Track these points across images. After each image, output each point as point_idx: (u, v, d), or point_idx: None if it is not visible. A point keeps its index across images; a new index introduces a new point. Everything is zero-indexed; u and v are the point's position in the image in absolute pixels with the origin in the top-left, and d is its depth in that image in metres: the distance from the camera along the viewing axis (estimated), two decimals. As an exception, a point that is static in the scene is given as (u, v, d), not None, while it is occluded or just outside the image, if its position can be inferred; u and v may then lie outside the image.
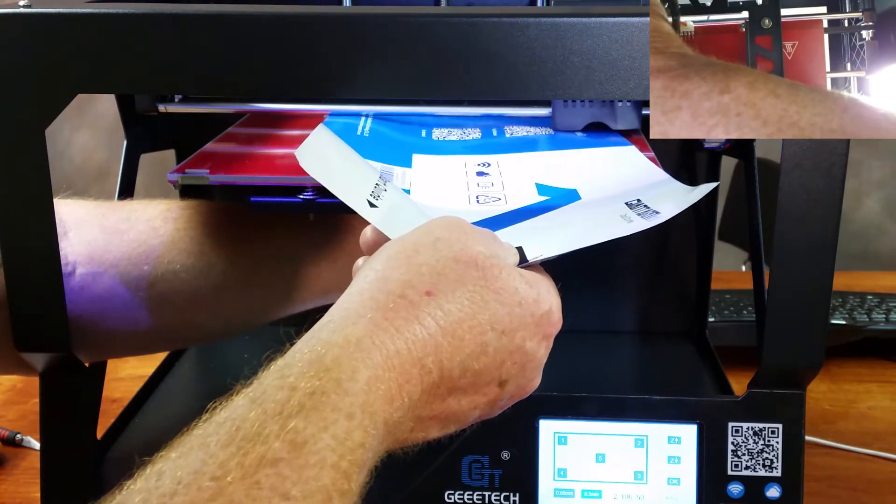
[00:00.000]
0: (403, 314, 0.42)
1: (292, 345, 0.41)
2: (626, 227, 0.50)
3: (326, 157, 0.50)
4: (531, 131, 0.69)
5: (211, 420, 0.38)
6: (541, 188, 0.58)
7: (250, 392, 0.38)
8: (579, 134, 0.68)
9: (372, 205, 0.48)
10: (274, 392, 0.38)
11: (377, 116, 0.70)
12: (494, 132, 0.70)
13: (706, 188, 0.53)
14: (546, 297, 0.47)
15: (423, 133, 0.69)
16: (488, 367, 0.44)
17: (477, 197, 0.57)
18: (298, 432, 0.36)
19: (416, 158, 0.62)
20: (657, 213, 0.51)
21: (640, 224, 0.50)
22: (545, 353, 0.48)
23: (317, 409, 0.37)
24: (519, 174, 0.60)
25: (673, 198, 0.53)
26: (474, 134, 0.69)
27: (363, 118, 0.69)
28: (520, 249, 0.48)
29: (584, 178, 0.59)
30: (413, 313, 0.42)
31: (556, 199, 0.56)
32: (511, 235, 0.50)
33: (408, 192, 0.57)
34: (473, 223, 0.52)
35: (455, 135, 0.69)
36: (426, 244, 0.45)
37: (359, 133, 0.66)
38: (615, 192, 0.55)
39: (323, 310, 0.44)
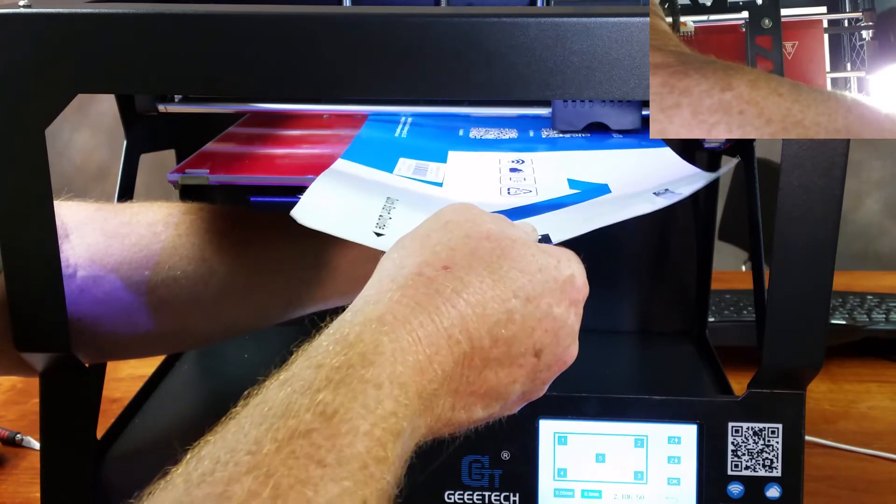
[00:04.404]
0: (423, 290, 0.42)
1: (319, 332, 0.42)
2: (648, 207, 0.51)
3: (322, 208, 0.51)
4: (568, 133, 0.70)
5: (245, 405, 0.38)
6: (572, 182, 0.59)
7: (281, 376, 0.39)
8: (616, 136, 0.68)
9: (379, 234, 0.49)
10: (302, 372, 0.38)
11: (416, 118, 0.71)
12: (531, 133, 0.71)
13: (725, 168, 0.58)
14: (567, 264, 0.47)
15: (461, 132, 0.70)
16: (519, 336, 0.44)
17: (508, 189, 0.58)
18: (328, 404, 0.36)
19: (452, 154, 0.63)
20: (679, 194, 0.52)
21: (661, 203, 0.51)
22: (576, 320, 0.47)
23: (344, 381, 0.38)
24: (552, 170, 0.61)
25: (695, 180, 0.54)
26: (511, 133, 0.70)
27: (402, 121, 0.70)
28: (545, 237, 0.49)
29: (616, 174, 0.60)
30: (433, 287, 0.42)
31: (587, 192, 0.57)
32: (539, 224, 0.51)
33: (440, 185, 0.57)
34: (502, 212, 0.52)
35: (492, 134, 0.70)
36: (437, 228, 0.46)
37: (397, 134, 0.67)
38: (646, 186, 0.56)
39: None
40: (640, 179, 0.58)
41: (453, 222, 0.46)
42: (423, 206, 0.53)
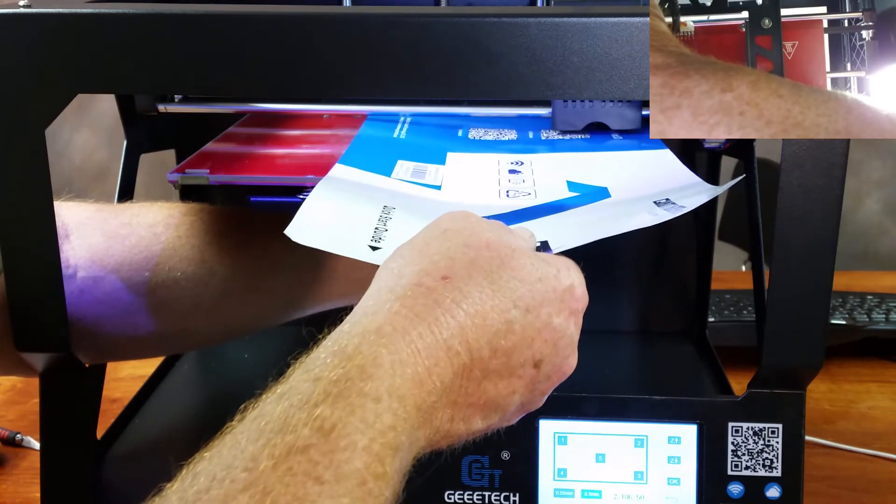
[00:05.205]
0: (422, 301, 0.42)
1: (316, 343, 0.41)
2: (650, 219, 0.50)
3: (317, 224, 0.50)
4: (567, 134, 0.69)
5: (242, 420, 0.38)
6: (571, 185, 0.58)
7: (278, 389, 0.39)
8: (616, 136, 0.68)
9: (375, 248, 0.49)
10: (299, 385, 0.38)
11: (415, 117, 0.71)
12: (531, 134, 0.70)
13: (732, 182, 0.56)
14: (566, 273, 0.46)
15: (460, 132, 0.70)
16: (518, 347, 0.43)
17: (507, 192, 0.58)
18: (325, 419, 0.36)
19: (451, 156, 0.63)
20: (683, 206, 0.51)
21: (664, 216, 0.51)
22: (576, 331, 0.47)
23: (342, 395, 0.37)
24: (551, 172, 0.61)
25: (699, 193, 0.53)
26: (510, 135, 0.70)
27: (401, 121, 0.70)
28: (544, 243, 0.48)
29: (616, 177, 0.60)
30: (432, 298, 0.42)
31: (586, 195, 0.57)
32: (537, 227, 0.50)
33: (438, 188, 0.57)
34: (500, 215, 0.52)
35: (491, 135, 0.70)
36: (435, 236, 0.45)
37: (395, 136, 0.67)
38: (646, 192, 0.56)
39: (347, 309, 0.44)
40: (641, 184, 0.58)
41: (452, 230, 0.45)
42: (421, 214, 0.53)
